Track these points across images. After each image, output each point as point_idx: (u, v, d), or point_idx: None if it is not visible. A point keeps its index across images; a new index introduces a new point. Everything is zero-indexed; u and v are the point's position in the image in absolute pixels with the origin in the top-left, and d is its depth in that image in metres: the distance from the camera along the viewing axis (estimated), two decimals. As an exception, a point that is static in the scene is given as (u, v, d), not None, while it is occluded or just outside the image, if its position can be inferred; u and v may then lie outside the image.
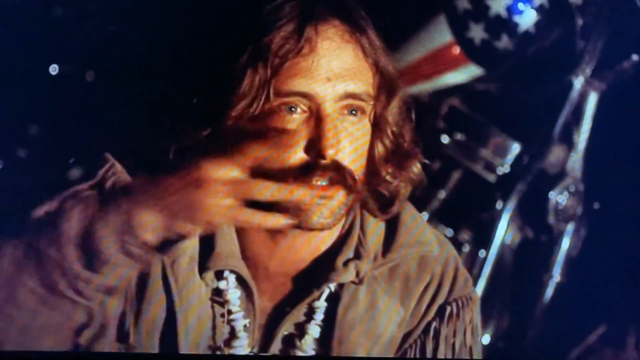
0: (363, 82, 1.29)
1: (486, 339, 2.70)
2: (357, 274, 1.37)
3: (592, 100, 2.62)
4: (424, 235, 1.42)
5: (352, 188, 1.28)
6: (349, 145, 1.28)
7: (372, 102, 1.32)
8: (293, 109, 1.27)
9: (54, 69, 2.81)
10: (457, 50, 2.60)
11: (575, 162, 2.68)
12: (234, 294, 1.35)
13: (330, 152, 1.25)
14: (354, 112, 1.29)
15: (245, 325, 1.35)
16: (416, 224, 1.42)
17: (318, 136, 1.26)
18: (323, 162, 1.26)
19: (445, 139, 2.74)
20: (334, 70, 1.27)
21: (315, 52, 1.26)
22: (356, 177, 1.30)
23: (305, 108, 1.27)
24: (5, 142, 2.79)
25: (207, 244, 1.34)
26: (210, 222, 1.08)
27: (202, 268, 1.34)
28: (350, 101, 1.28)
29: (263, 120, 1.27)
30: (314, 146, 1.26)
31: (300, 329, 1.36)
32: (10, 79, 2.68)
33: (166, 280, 1.32)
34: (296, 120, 1.27)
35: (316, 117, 1.27)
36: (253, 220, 1.08)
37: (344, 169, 1.27)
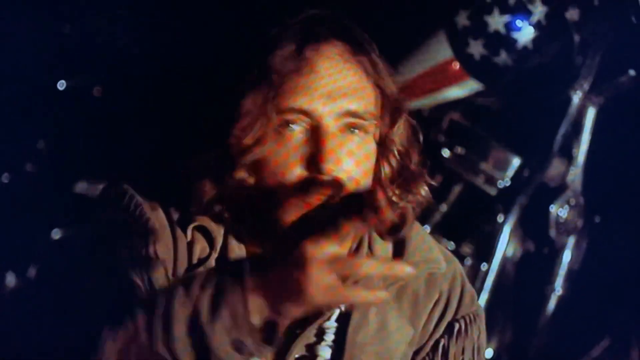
0: (364, 101, 1.29)
1: (489, 353, 2.70)
2: None
3: (591, 114, 2.64)
4: (431, 253, 1.40)
5: None
6: (351, 163, 1.27)
7: (374, 121, 1.31)
8: (294, 126, 1.28)
9: (61, 85, 2.84)
10: (457, 65, 2.62)
11: (575, 175, 2.68)
12: None
13: (329, 167, 1.24)
14: (355, 130, 1.29)
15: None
16: (423, 242, 1.41)
17: (317, 151, 1.26)
18: (322, 178, 1.25)
19: (446, 152, 2.75)
20: (334, 88, 1.28)
21: (316, 71, 1.28)
22: None
23: (305, 125, 1.28)
24: (14, 156, 2.81)
25: (222, 264, 1.33)
26: (315, 304, 1.06)
27: None
28: (350, 119, 1.28)
29: (265, 139, 1.27)
30: (314, 162, 1.26)
31: (312, 351, 1.34)
32: (19, 94, 2.72)
33: None
34: (297, 137, 1.28)
35: (316, 134, 1.27)
36: (354, 297, 1.07)
37: (344, 187, 1.26)
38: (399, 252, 1.40)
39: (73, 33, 2.82)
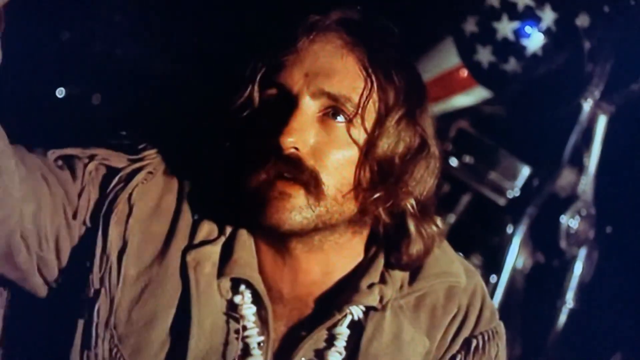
0: (342, 85, 1.26)
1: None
2: (381, 300, 1.33)
3: (602, 122, 2.61)
4: (451, 266, 1.38)
5: (316, 194, 1.25)
6: (319, 144, 1.25)
7: (351, 109, 1.26)
8: (273, 99, 1.28)
9: (60, 92, 2.84)
10: (465, 73, 2.59)
11: (586, 185, 2.65)
12: (249, 310, 1.32)
13: (288, 139, 1.23)
14: (336, 116, 1.27)
15: (259, 343, 1.32)
16: (444, 254, 1.38)
17: (283, 123, 1.24)
18: (282, 152, 1.24)
19: (454, 161, 2.72)
20: (313, 67, 1.26)
21: (299, 51, 1.27)
22: (323, 184, 1.25)
23: (285, 101, 1.26)
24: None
25: (227, 251, 1.32)
26: None
27: (219, 274, 1.32)
28: (326, 100, 1.26)
29: (248, 108, 1.29)
30: (276, 132, 1.24)
31: (320, 356, 1.32)
32: (18, 101, 2.71)
33: (186, 279, 1.30)
34: (274, 111, 1.27)
35: (289, 108, 1.25)
36: None
37: (304, 166, 1.25)
38: None
39: (72, 40, 2.83)
